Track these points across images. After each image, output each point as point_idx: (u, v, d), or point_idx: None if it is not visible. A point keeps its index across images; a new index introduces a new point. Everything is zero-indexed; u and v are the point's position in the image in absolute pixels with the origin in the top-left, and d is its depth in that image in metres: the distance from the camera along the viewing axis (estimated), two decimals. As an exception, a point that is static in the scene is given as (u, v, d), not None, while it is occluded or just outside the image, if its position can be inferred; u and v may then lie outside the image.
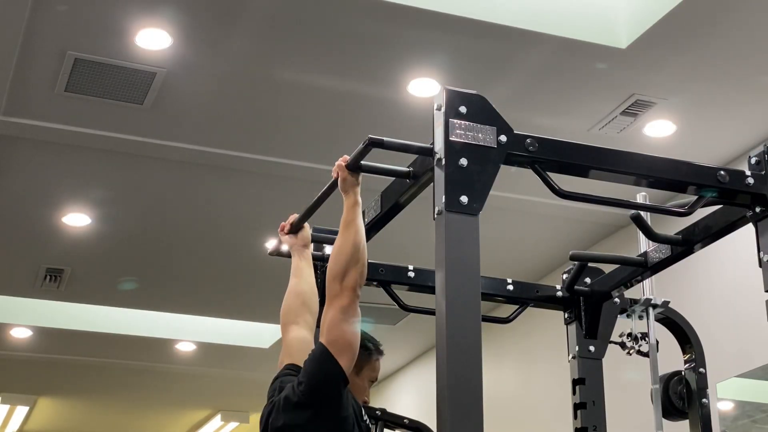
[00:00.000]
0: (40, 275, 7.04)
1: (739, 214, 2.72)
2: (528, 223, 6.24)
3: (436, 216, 2.22)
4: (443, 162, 2.24)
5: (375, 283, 3.25)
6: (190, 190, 5.88)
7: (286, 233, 3.01)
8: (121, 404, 10.56)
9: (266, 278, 6.53)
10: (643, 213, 2.90)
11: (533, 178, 2.43)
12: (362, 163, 2.57)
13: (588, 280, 3.37)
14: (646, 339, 3.31)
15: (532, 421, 7.09)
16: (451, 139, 2.25)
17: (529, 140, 2.37)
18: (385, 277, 3.27)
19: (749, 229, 2.68)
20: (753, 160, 2.64)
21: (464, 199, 2.21)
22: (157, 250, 6.72)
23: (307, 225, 3.02)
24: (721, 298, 5.39)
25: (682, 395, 3.33)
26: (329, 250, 3.09)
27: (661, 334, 3.37)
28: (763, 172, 2.61)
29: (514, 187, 5.48)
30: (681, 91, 4.86)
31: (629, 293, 3.36)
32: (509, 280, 3.42)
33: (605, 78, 4.78)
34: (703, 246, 2.92)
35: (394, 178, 2.72)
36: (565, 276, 3.41)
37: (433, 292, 2.20)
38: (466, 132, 2.27)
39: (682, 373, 3.36)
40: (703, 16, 4.31)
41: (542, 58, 4.66)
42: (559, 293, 3.41)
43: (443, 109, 2.28)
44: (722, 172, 2.57)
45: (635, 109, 4.99)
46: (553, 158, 2.42)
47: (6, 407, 10.50)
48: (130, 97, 4.94)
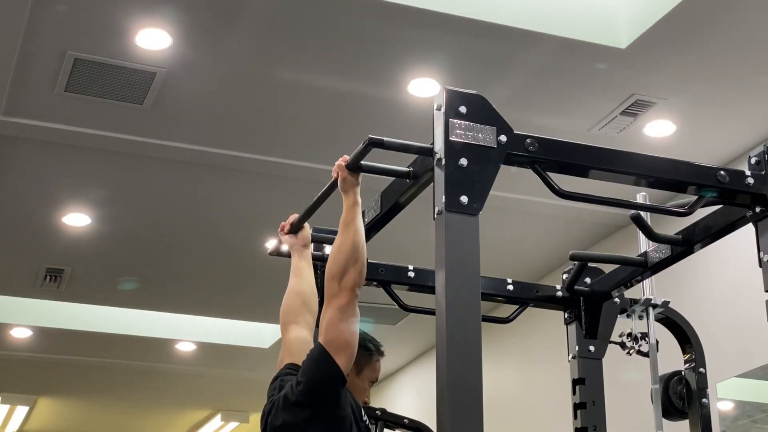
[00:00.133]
0: (40, 275, 7.04)
1: (739, 214, 2.72)
2: (528, 223, 6.24)
3: (436, 216, 2.22)
4: (443, 162, 2.24)
5: (375, 283, 3.25)
6: (190, 190, 5.88)
7: (286, 233, 3.02)
8: (121, 404, 10.56)
9: (266, 278, 6.53)
10: (643, 213, 2.90)
11: (533, 178, 2.43)
12: (362, 163, 2.57)
13: (588, 280, 3.37)
14: (646, 339, 3.31)
15: (532, 421, 7.09)
16: (451, 139, 2.25)
17: (529, 140, 2.37)
18: (385, 277, 3.27)
19: (749, 229, 2.68)
20: (753, 160, 2.64)
21: (464, 199, 2.21)
22: (157, 250, 6.71)
23: (307, 225, 3.02)
24: (721, 298, 5.39)
25: (682, 395, 3.33)
26: (329, 250, 3.09)
27: (661, 334, 3.37)
28: (763, 172, 2.61)
29: (514, 187, 5.48)
30: (681, 91, 4.86)
31: (629, 293, 3.36)
32: (509, 280, 3.42)
33: (605, 78, 4.78)
34: (703, 246, 2.92)
35: (394, 178, 2.72)
36: (565, 276, 3.41)
37: (433, 292, 2.20)
38: (466, 132, 2.27)
39: (682, 373, 3.36)
40: (703, 16, 4.31)
41: (542, 58, 4.66)
42: (559, 293, 3.41)
43: (443, 109, 2.28)
44: (722, 172, 2.57)
45: (635, 109, 4.98)
46: (553, 158, 2.42)
47: (6, 407, 10.50)
48: (130, 97, 4.94)
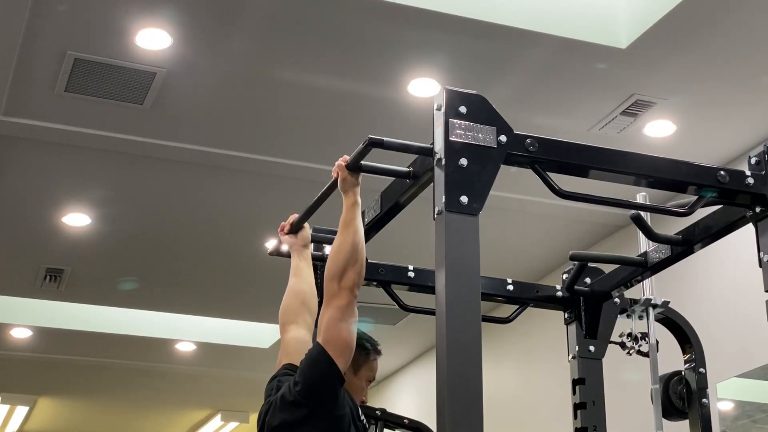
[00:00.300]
0: (40, 275, 7.03)
1: (739, 214, 2.72)
2: (528, 223, 6.24)
3: (436, 216, 2.22)
4: (443, 162, 2.24)
5: (375, 283, 3.25)
6: (190, 190, 5.88)
7: (286, 233, 3.02)
8: (121, 404, 10.56)
9: (266, 278, 6.53)
10: (643, 213, 2.90)
11: (533, 178, 2.43)
12: (362, 163, 2.57)
13: (588, 280, 3.37)
14: (646, 339, 3.31)
15: (532, 421, 7.09)
16: (451, 139, 2.25)
17: (529, 140, 2.37)
18: (385, 277, 3.27)
19: (749, 229, 2.68)
20: (753, 160, 2.64)
21: (464, 199, 2.21)
22: (157, 250, 6.71)
23: (307, 225, 3.02)
24: (721, 298, 5.39)
25: (682, 395, 3.33)
26: (329, 250, 3.09)
27: (661, 334, 3.37)
28: (763, 172, 2.61)
29: (514, 187, 5.48)
30: (681, 91, 4.86)
31: (629, 293, 3.36)
32: (509, 280, 3.42)
33: (605, 78, 4.77)
34: (703, 246, 2.92)
35: (394, 178, 2.72)
36: (565, 276, 3.41)
37: (433, 292, 2.20)
38: (466, 132, 2.27)
39: (682, 373, 3.37)
40: (703, 16, 4.31)
41: (542, 58, 4.66)
42: (559, 293, 3.41)
43: (443, 109, 2.28)
44: (722, 172, 2.57)
45: (635, 109, 4.98)
46: (553, 158, 2.42)
47: (6, 407, 10.51)
48: (130, 97, 4.94)
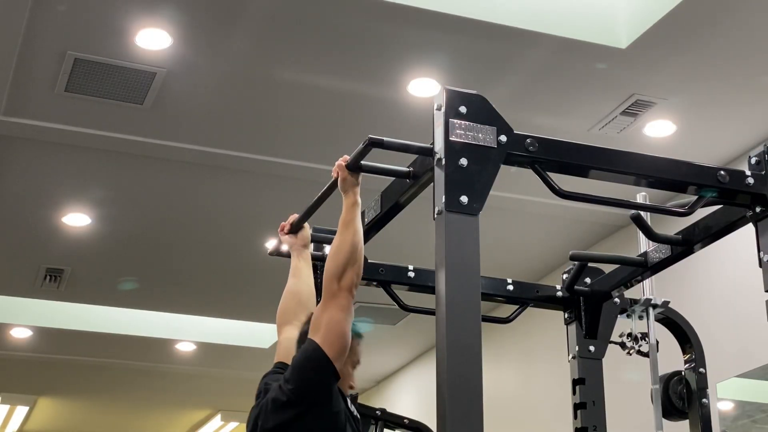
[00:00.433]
0: (40, 275, 7.03)
1: (739, 214, 2.72)
2: (528, 223, 6.24)
3: (436, 216, 2.22)
4: (443, 162, 2.24)
5: (375, 283, 3.25)
6: (190, 190, 5.88)
7: (286, 233, 3.02)
8: (121, 404, 10.56)
9: (266, 278, 6.52)
10: (643, 213, 2.90)
11: (533, 178, 2.43)
12: (362, 163, 2.57)
13: (588, 280, 3.37)
14: (646, 339, 3.31)
15: (532, 421, 7.09)
16: (451, 139, 2.25)
17: (529, 140, 2.37)
18: (385, 277, 3.27)
19: (749, 229, 2.68)
20: (753, 160, 2.64)
21: (464, 199, 2.21)
22: (157, 250, 6.71)
23: (307, 225, 3.02)
24: (721, 298, 5.39)
25: (682, 395, 3.34)
26: (329, 250, 3.10)
27: (661, 334, 3.37)
28: (763, 172, 2.61)
29: (514, 187, 5.48)
30: (681, 91, 4.86)
31: (629, 293, 3.36)
32: (509, 280, 3.42)
33: (605, 78, 4.77)
34: (703, 246, 2.92)
35: (394, 178, 2.72)
36: (565, 276, 3.41)
37: (433, 292, 2.20)
38: (466, 132, 2.27)
39: (682, 373, 3.37)
40: (703, 16, 4.31)
41: (542, 58, 4.66)
42: (559, 293, 3.41)
43: (443, 109, 2.28)
44: (722, 172, 2.57)
45: (635, 109, 4.98)
46: (553, 158, 2.42)
47: (6, 407, 10.51)
48: (130, 97, 4.94)
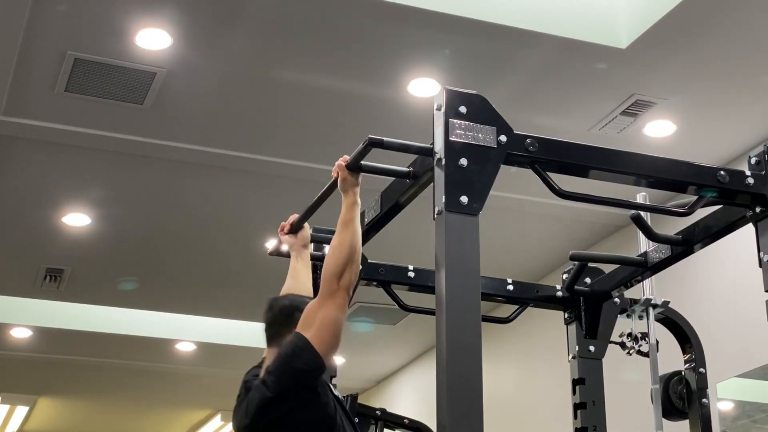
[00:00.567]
0: (40, 275, 7.03)
1: (739, 214, 2.72)
2: (528, 223, 6.24)
3: (436, 216, 2.22)
4: (443, 162, 2.24)
5: (375, 283, 3.25)
6: (191, 190, 5.88)
7: (286, 233, 3.02)
8: (121, 404, 10.55)
9: (266, 278, 6.49)
10: (643, 213, 2.90)
11: (533, 178, 2.43)
12: (362, 163, 2.57)
13: (588, 280, 3.38)
14: (646, 339, 3.31)
15: (532, 421, 7.09)
16: (451, 139, 2.25)
17: (529, 140, 2.37)
18: (385, 277, 3.27)
19: (749, 229, 2.68)
20: (753, 160, 2.64)
21: (464, 199, 2.21)
22: (158, 250, 6.71)
23: (307, 225, 3.02)
24: (721, 298, 5.39)
25: (682, 395, 3.34)
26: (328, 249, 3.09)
27: (661, 334, 3.37)
28: (763, 172, 2.61)
29: (514, 187, 5.47)
30: (681, 91, 4.86)
31: (629, 293, 3.36)
32: (509, 280, 3.42)
33: (605, 78, 4.77)
34: (703, 246, 2.92)
35: (394, 178, 2.72)
36: (565, 276, 3.41)
37: (433, 292, 2.20)
38: (466, 132, 2.27)
39: (682, 373, 3.37)
40: (703, 16, 4.31)
41: (542, 58, 4.66)
42: (559, 293, 3.41)
43: (443, 109, 2.28)
44: (722, 172, 2.57)
45: (635, 109, 4.98)
46: (553, 158, 2.42)
47: (6, 407, 10.51)
48: (130, 97, 4.94)
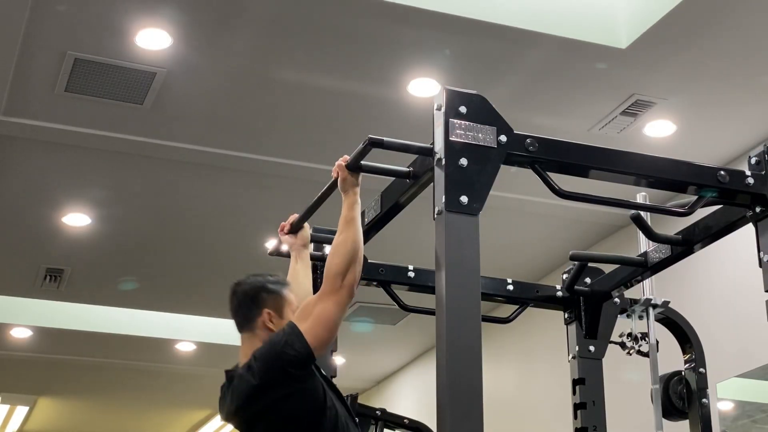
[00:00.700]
0: (40, 275, 7.03)
1: (739, 214, 2.72)
2: (528, 223, 6.24)
3: (436, 216, 2.22)
4: (443, 162, 2.24)
5: (375, 283, 3.25)
6: (190, 190, 5.88)
7: (286, 233, 3.01)
8: (121, 404, 10.55)
9: (266, 278, 6.52)
10: (643, 213, 2.90)
11: (533, 178, 2.43)
12: (362, 163, 2.57)
13: (588, 280, 3.38)
14: (646, 339, 3.31)
15: (532, 421, 7.09)
16: (451, 139, 2.25)
17: (529, 140, 2.37)
18: (385, 277, 3.27)
19: (749, 229, 2.68)
20: (753, 160, 2.65)
21: (464, 199, 2.21)
22: (157, 250, 6.71)
23: (307, 225, 3.02)
24: (721, 298, 5.39)
25: (682, 395, 3.34)
26: (329, 250, 3.09)
27: (661, 334, 3.37)
28: (763, 172, 2.61)
29: (514, 187, 5.48)
30: (681, 91, 4.86)
31: (629, 293, 3.36)
32: (509, 280, 3.42)
33: (605, 78, 4.77)
34: (703, 246, 2.92)
35: (394, 178, 2.72)
36: (565, 276, 3.41)
37: (433, 292, 2.20)
38: (466, 132, 2.27)
39: (682, 373, 3.37)
40: (703, 16, 4.31)
41: (542, 58, 4.66)
42: (559, 293, 3.41)
43: (443, 109, 2.28)
44: (722, 172, 2.57)
45: (635, 109, 4.98)
46: (553, 158, 2.42)
47: (6, 407, 10.51)
48: (130, 97, 4.94)
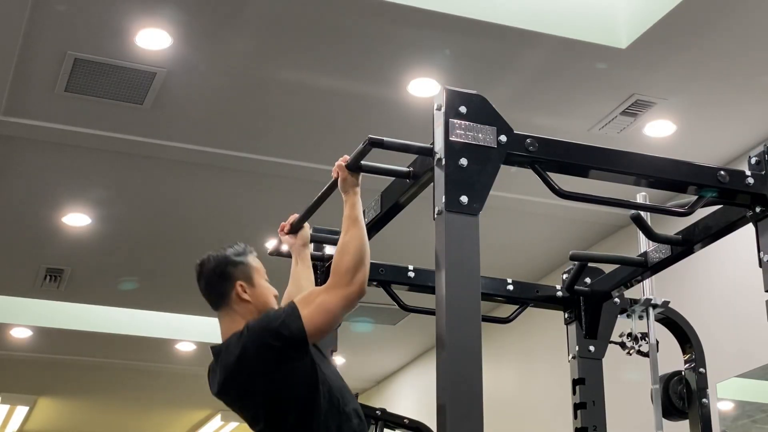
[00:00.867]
0: (40, 275, 7.03)
1: (739, 214, 2.72)
2: (528, 223, 6.24)
3: (436, 216, 2.22)
4: (443, 162, 2.24)
5: (375, 283, 3.25)
6: (191, 190, 5.88)
7: (286, 233, 3.01)
8: (121, 404, 10.56)
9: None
10: (643, 213, 2.90)
11: (533, 178, 2.43)
12: (362, 163, 2.57)
13: (588, 280, 3.37)
14: (646, 339, 3.31)
15: (532, 421, 7.09)
16: (451, 139, 2.25)
17: (529, 140, 2.37)
18: (385, 277, 3.27)
19: (749, 229, 2.68)
20: (753, 160, 2.65)
21: (464, 199, 2.21)
22: (157, 250, 6.71)
23: (307, 225, 3.02)
24: (721, 298, 5.39)
25: (682, 395, 3.34)
26: (329, 250, 3.09)
27: (661, 334, 3.37)
28: (763, 172, 2.61)
29: (514, 187, 5.48)
30: (681, 91, 4.86)
31: (629, 293, 3.36)
32: (509, 280, 3.42)
33: (605, 78, 4.77)
34: (703, 246, 2.92)
35: (394, 178, 2.72)
36: (565, 276, 3.41)
37: (433, 292, 2.20)
38: (466, 132, 2.27)
39: (682, 373, 3.37)
40: (703, 16, 4.31)
41: (542, 58, 4.66)
42: (559, 293, 3.41)
43: (443, 109, 2.28)
44: (722, 172, 2.57)
45: (635, 109, 4.98)
46: (553, 158, 2.42)
47: (6, 407, 10.51)
48: (130, 97, 4.94)
